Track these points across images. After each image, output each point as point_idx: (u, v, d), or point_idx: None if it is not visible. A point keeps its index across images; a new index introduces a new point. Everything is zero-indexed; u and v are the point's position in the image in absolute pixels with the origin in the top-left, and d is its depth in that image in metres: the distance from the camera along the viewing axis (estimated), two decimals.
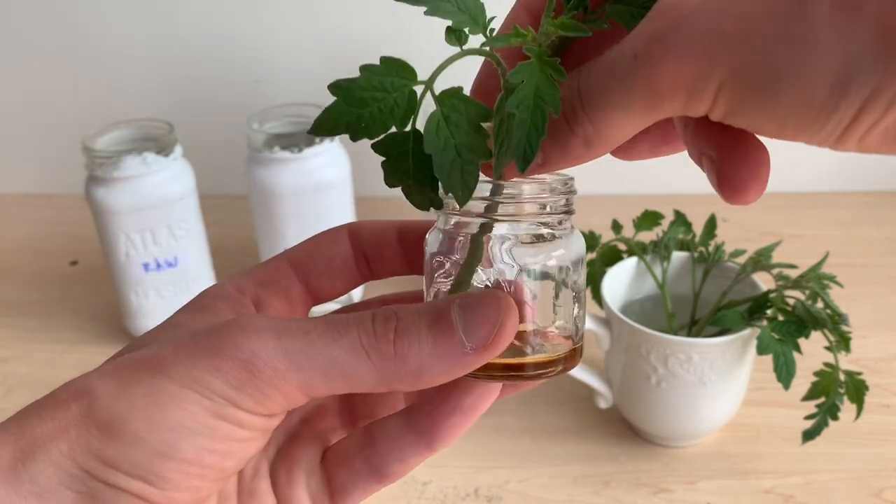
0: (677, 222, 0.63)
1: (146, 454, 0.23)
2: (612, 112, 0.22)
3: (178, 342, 0.24)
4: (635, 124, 0.23)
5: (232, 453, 0.24)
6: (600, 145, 0.23)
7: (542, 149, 0.24)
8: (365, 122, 0.23)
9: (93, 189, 0.67)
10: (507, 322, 0.24)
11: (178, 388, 0.23)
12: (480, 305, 0.25)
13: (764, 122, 0.21)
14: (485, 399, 0.28)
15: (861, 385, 0.53)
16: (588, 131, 0.23)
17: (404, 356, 0.24)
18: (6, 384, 0.69)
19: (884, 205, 0.93)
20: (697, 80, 0.21)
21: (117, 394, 0.23)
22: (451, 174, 0.23)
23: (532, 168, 0.24)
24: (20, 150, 1.00)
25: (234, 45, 0.91)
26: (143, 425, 0.23)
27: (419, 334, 0.24)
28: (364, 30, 0.89)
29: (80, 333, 0.76)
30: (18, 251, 0.90)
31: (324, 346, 0.24)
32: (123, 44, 0.92)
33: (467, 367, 0.24)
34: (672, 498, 0.56)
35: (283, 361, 0.24)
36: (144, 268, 0.69)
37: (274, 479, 0.29)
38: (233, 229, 0.87)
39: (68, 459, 0.23)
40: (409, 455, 0.28)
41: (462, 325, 0.24)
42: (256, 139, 0.69)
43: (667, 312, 0.60)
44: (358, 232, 0.31)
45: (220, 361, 0.23)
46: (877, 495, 0.56)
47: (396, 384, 0.24)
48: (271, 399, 0.24)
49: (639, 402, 0.59)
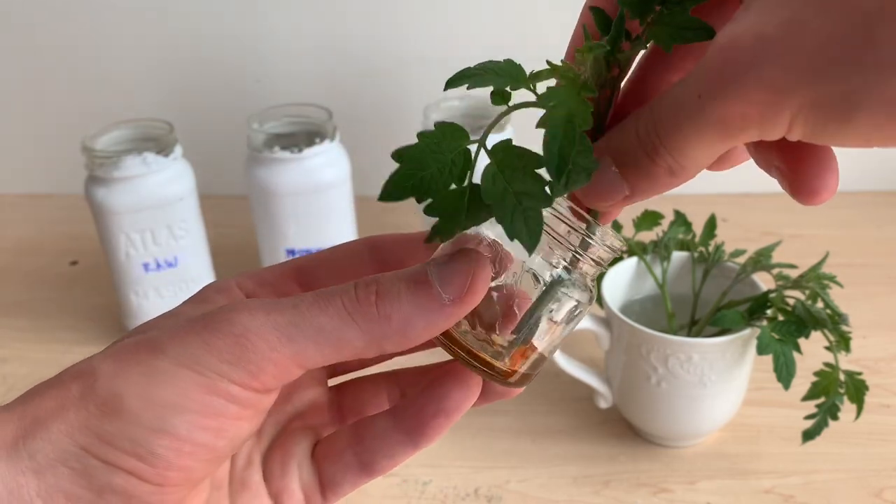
0: (677, 222, 0.63)
1: (141, 431, 0.24)
2: (688, 145, 0.23)
3: (175, 326, 0.26)
4: (715, 152, 0.23)
5: (224, 431, 0.25)
6: (684, 173, 0.24)
7: (629, 181, 0.25)
8: (426, 183, 0.24)
9: (93, 189, 0.67)
10: (479, 272, 0.26)
11: (174, 366, 0.24)
12: (453, 260, 0.26)
13: (847, 140, 0.21)
14: (464, 401, 0.29)
15: (861, 385, 0.53)
16: (669, 162, 0.24)
17: (387, 315, 0.25)
18: (6, 384, 0.69)
19: (884, 205, 0.93)
20: (767, 114, 0.21)
21: (116, 373, 0.24)
22: (515, 221, 0.23)
23: (621, 201, 0.26)
24: (20, 150, 1.00)
25: (234, 45, 0.91)
26: (138, 402, 0.24)
27: (399, 293, 0.26)
28: (364, 30, 0.89)
29: (79, 333, 0.76)
30: (18, 251, 0.90)
31: (312, 316, 0.25)
32: (123, 44, 0.92)
33: (448, 317, 0.26)
34: (672, 498, 0.56)
35: (275, 333, 0.25)
36: (144, 268, 0.69)
37: (267, 470, 0.30)
38: (233, 229, 0.87)
39: (66, 437, 0.24)
40: (396, 452, 0.30)
41: (438, 279, 0.26)
42: (256, 139, 0.69)
43: (667, 312, 0.60)
44: (381, 245, 0.31)
45: (214, 338, 0.24)
46: (877, 495, 0.56)
47: (385, 344, 0.26)
48: (265, 371, 0.25)
49: (639, 402, 0.59)
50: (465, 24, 0.88)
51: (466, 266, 0.26)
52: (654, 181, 0.25)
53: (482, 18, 0.88)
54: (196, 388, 0.24)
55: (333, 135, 0.70)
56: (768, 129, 0.21)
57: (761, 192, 0.93)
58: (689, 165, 0.24)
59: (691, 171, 0.24)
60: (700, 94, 0.22)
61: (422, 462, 0.59)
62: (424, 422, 0.29)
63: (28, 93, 0.96)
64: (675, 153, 0.24)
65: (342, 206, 0.72)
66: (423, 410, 0.29)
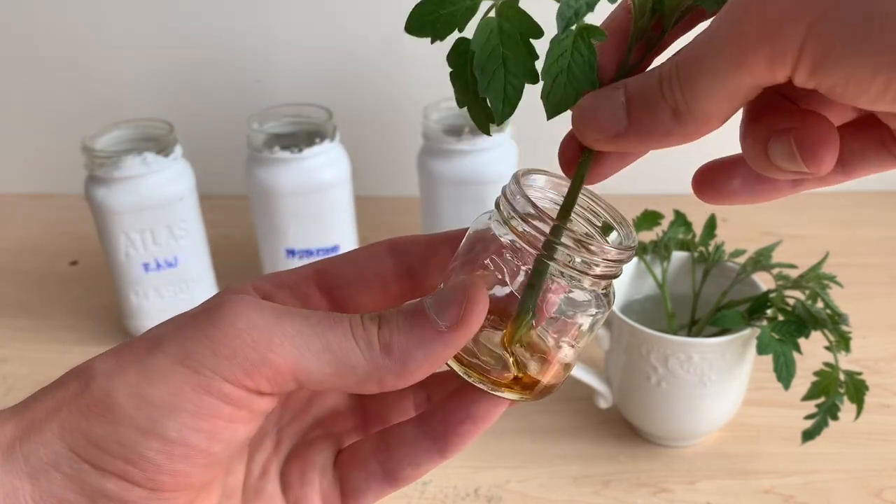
0: (677, 222, 0.63)
1: (131, 432, 0.23)
2: (698, 74, 0.22)
3: (180, 321, 0.25)
4: (720, 92, 0.22)
5: (218, 434, 0.24)
6: (688, 118, 0.23)
7: (630, 114, 0.24)
8: (447, 18, 0.24)
9: (93, 189, 0.67)
10: (474, 296, 0.26)
11: (170, 363, 0.24)
12: (447, 289, 0.26)
13: (856, 70, 0.20)
14: (495, 408, 0.29)
15: (861, 385, 0.53)
16: (678, 99, 0.23)
17: (388, 346, 0.25)
18: (6, 384, 0.69)
19: (884, 205, 0.93)
20: (783, 21, 0.20)
21: (114, 372, 0.24)
22: (493, 81, 0.23)
23: (612, 136, 0.24)
24: (20, 150, 1.00)
25: (234, 45, 0.91)
26: (130, 402, 0.23)
27: (398, 324, 0.26)
28: (364, 30, 0.89)
29: (79, 333, 0.76)
30: (18, 251, 0.90)
31: (321, 330, 0.25)
32: (123, 44, 0.92)
33: (447, 345, 0.25)
34: (672, 498, 0.56)
35: (280, 336, 0.24)
36: (144, 268, 0.69)
37: (286, 479, 0.29)
38: (233, 229, 0.87)
39: (58, 439, 0.23)
40: (422, 461, 0.29)
41: (434, 309, 0.26)
42: (256, 139, 0.69)
43: (667, 312, 0.60)
44: (403, 247, 0.30)
45: (216, 331, 0.24)
46: (877, 495, 0.56)
47: (386, 377, 0.25)
48: (259, 372, 0.24)
49: (639, 402, 0.59)
50: None
51: (461, 293, 0.26)
52: (655, 118, 0.24)
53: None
54: (190, 387, 0.23)
55: (333, 135, 0.70)
56: (779, 53, 0.20)
57: None
58: (696, 107, 0.23)
59: (695, 119, 0.23)
60: (726, 11, 0.22)
61: None
62: (451, 428, 0.29)
63: (28, 93, 0.96)
64: (686, 88, 0.23)
65: (342, 206, 0.72)
66: (451, 416, 0.29)
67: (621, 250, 0.27)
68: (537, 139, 0.91)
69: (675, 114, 0.23)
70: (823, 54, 0.20)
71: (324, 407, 0.32)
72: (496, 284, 0.27)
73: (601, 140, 0.25)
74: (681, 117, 0.23)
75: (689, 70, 0.23)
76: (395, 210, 0.92)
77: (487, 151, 0.71)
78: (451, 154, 0.70)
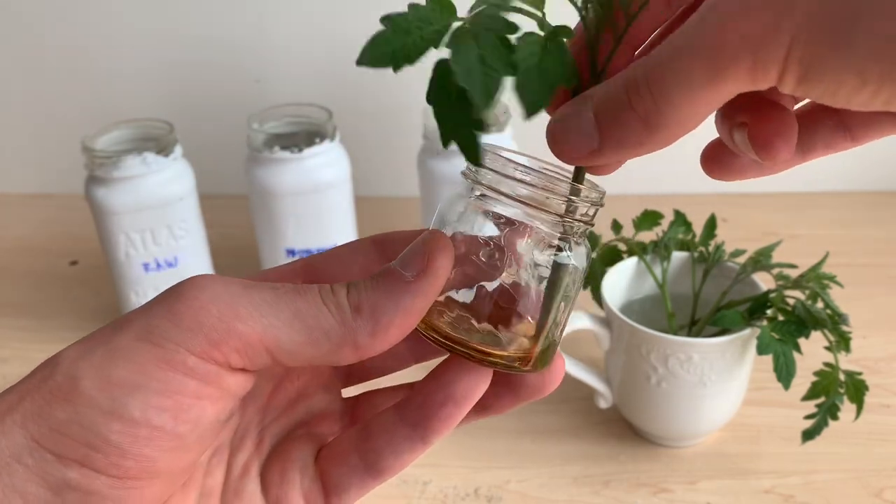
0: (677, 222, 0.63)
1: (94, 414, 0.22)
2: (672, 83, 0.21)
3: (146, 303, 0.25)
4: (696, 100, 0.21)
5: (183, 413, 0.23)
6: (660, 126, 0.22)
7: (600, 128, 0.23)
8: (408, 49, 0.23)
9: (93, 189, 0.67)
10: (436, 245, 0.26)
11: (134, 341, 0.23)
12: (411, 245, 0.26)
13: (844, 78, 0.19)
14: (475, 387, 0.27)
15: (861, 385, 0.53)
16: (648, 106, 0.22)
17: (357, 305, 0.25)
18: (6, 384, 0.69)
19: (884, 205, 0.93)
20: (766, 34, 0.19)
21: (80, 356, 0.23)
22: (472, 76, 0.22)
23: (587, 154, 0.24)
24: (20, 150, 1.00)
25: (234, 45, 0.91)
26: (93, 383, 0.23)
27: (365, 284, 0.26)
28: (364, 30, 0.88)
29: (80, 333, 0.74)
30: (18, 251, 0.90)
31: (290, 299, 0.25)
32: (123, 44, 0.92)
33: (415, 295, 0.25)
34: (672, 498, 0.56)
35: (247, 307, 0.24)
36: (144, 268, 0.69)
37: (266, 479, 0.29)
38: (233, 229, 0.87)
39: (20, 429, 0.22)
40: (403, 449, 0.28)
41: (399, 263, 0.26)
42: (256, 139, 0.69)
43: (667, 312, 0.60)
44: (387, 242, 0.30)
45: (179, 305, 0.24)
46: (877, 495, 0.56)
47: (360, 337, 0.25)
48: (227, 343, 0.23)
49: (639, 402, 0.59)
50: None
51: (422, 244, 0.26)
52: (626, 131, 0.23)
53: None
54: (153, 362, 0.23)
55: (333, 135, 0.70)
56: (761, 62, 0.20)
57: (761, 192, 0.94)
58: (668, 113, 0.22)
59: (668, 125, 0.22)
60: (703, 16, 0.21)
61: (422, 462, 0.59)
62: (432, 412, 0.27)
63: (28, 93, 0.96)
64: (657, 93, 0.22)
65: (342, 206, 0.72)
66: (430, 399, 0.27)
67: (594, 188, 0.27)
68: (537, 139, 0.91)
69: (646, 124, 0.22)
70: (809, 64, 0.20)
71: (312, 408, 0.31)
72: (465, 244, 0.27)
73: (578, 158, 0.24)
74: (652, 127, 0.22)
75: (660, 78, 0.22)
76: (395, 210, 0.92)
77: None
78: (452, 154, 0.70)
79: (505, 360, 0.27)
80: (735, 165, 0.27)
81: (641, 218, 0.63)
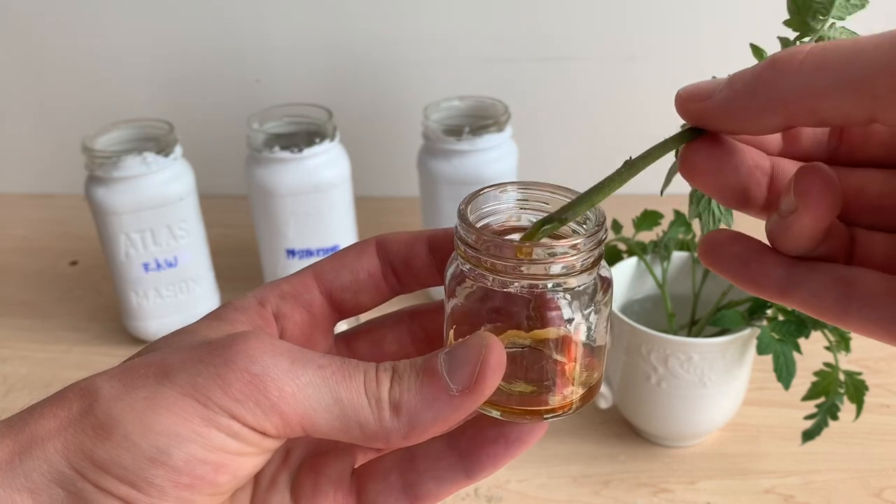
0: (677, 222, 0.63)
1: (137, 458, 0.23)
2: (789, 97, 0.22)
3: (189, 349, 0.25)
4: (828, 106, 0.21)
5: (225, 466, 0.24)
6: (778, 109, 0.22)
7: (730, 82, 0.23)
8: None
9: (93, 189, 0.67)
10: (490, 358, 0.24)
11: (179, 394, 0.23)
12: (462, 347, 0.25)
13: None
14: (532, 435, 0.27)
15: (861, 385, 0.53)
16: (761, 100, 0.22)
17: (397, 405, 0.24)
18: (6, 384, 0.69)
19: None
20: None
21: (119, 396, 0.24)
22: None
23: (709, 101, 0.24)
24: (20, 150, 1.00)
25: (234, 45, 0.91)
26: (136, 428, 0.23)
27: (409, 381, 0.25)
28: (364, 30, 0.89)
29: (79, 333, 0.76)
30: (18, 251, 0.90)
31: (334, 383, 0.24)
32: (123, 44, 0.92)
33: (456, 410, 0.25)
34: (672, 498, 0.56)
35: (292, 386, 0.24)
36: (144, 268, 0.69)
37: (297, 492, 0.29)
38: (233, 229, 0.87)
39: (62, 458, 0.23)
40: (445, 477, 0.28)
41: (446, 367, 0.25)
42: (256, 139, 0.69)
43: (667, 312, 0.60)
44: (386, 245, 0.30)
45: (228, 372, 0.24)
46: (877, 495, 0.56)
47: (392, 436, 0.25)
48: (269, 419, 0.24)
49: (639, 402, 0.59)
50: (465, 25, 0.88)
51: (476, 354, 0.25)
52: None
53: (482, 19, 0.88)
54: (199, 420, 0.23)
55: (333, 135, 0.70)
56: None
57: None
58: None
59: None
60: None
61: None
62: (481, 447, 0.27)
63: (28, 93, 0.96)
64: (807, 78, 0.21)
65: (342, 206, 0.72)
66: (483, 433, 0.27)
67: (595, 230, 0.26)
68: (537, 139, 0.91)
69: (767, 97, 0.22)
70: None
71: None
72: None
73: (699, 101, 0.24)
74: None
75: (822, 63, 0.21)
76: (395, 210, 0.92)
77: (487, 151, 0.71)
78: (451, 154, 0.70)
79: (554, 411, 0.27)
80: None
81: (641, 218, 0.63)
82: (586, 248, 0.25)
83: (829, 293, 0.24)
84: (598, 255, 0.26)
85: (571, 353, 0.27)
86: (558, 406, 0.27)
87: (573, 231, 0.27)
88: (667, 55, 0.88)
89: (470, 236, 0.25)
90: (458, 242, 0.26)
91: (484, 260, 0.25)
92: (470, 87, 0.81)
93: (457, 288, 0.27)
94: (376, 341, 0.31)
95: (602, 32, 0.88)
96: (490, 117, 0.72)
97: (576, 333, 0.26)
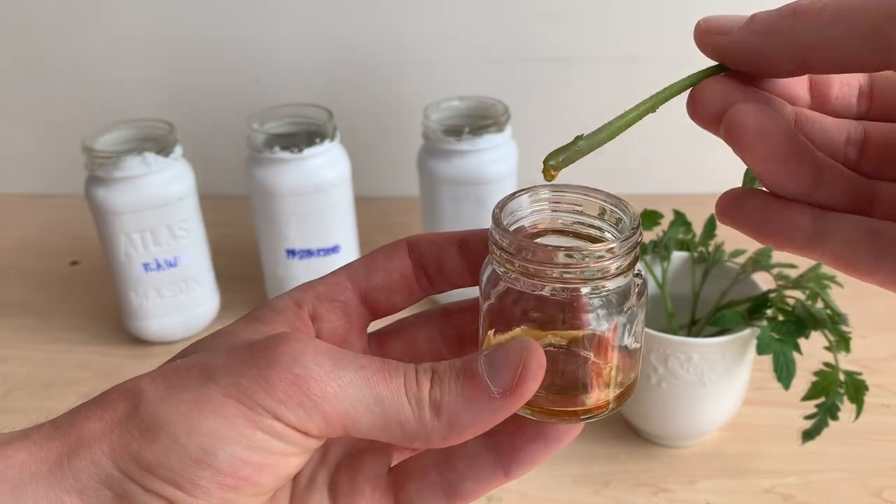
0: (677, 222, 0.63)
1: (182, 459, 0.23)
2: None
3: (231, 350, 0.25)
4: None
5: (268, 467, 0.24)
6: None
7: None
8: None
9: (93, 189, 0.67)
10: (531, 362, 0.25)
11: (223, 396, 0.24)
12: (503, 350, 0.25)
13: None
14: (570, 433, 0.28)
15: (861, 385, 0.53)
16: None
17: (437, 406, 0.25)
18: (6, 384, 0.69)
19: None
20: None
21: (164, 398, 0.24)
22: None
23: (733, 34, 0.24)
24: (20, 150, 1.00)
25: (234, 45, 0.91)
26: (182, 430, 0.23)
27: (449, 383, 0.25)
28: (364, 30, 0.89)
29: (80, 333, 0.76)
30: (18, 251, 0.90)
31: (375, 383, 0.25)
32: (123, 44, 0.92)
33: (496, 412, 0.25)
34: (672, 498, 0.56)
35: (334, 386, 0.24)
36: (144, 268, 0.69)
37: (334, 489, 0.29)
38: (233, 229, 0.87)
39: (109, 459, 0.23)
40: (484, 475, 0.28)
41: (487, 370, 0.25)
42: (256, 139, 0.69)
43: (667, 312, 0.60)
44: (417, 245, 0.30)
45: (272, 373, 0.24)
46: (877, 495, 0.56)
47: (433, 436, 0.25)
48: (312, 419, 0.24)
49: (639, 401, 0.59)
50: (465, 25, 0.88)
51: (517, 357, 0.25)
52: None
53: (482, 19, 0.88)
54: (243, 421, 0.23)
55: (333, 135, 0.70)
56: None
57: None
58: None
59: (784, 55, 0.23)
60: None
61: None
62: (520, 445, 0.27)
63: (28, 93, 0.96)
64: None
65: (342, 206, 0.72)
66: (522, 431, 0.28)
67: (623, 240, 0.26)
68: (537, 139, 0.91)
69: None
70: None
71: None
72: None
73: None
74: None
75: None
76: (395, 210, 0.92)
77: (487, 151, 0.71)
78: (451, 154, 0.70)
79: (591, 412, 0.27)
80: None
81: (641, 218, 0.62)
82: (622, 252, 0.25)
83: (861, 245, 0.24)
84: (634, 257, 0.26)
85: (607, 354, 0.27)
86: (594, 406, 0.27)
87: (607, 234, 0.27)
88: (667, 55, 0.88)
89: (504, 240, 0.26)
90: (493, 247, 0.26)
91: (518, 264, 0.25)
92: (470, 87, 0.81)
93: (492, 290, 0.27)
94: (409, 340, 0.32)
95: (602, 32, 0.88)
96: (490, 117, 0.72)
97: (611, 335, 0.27)
